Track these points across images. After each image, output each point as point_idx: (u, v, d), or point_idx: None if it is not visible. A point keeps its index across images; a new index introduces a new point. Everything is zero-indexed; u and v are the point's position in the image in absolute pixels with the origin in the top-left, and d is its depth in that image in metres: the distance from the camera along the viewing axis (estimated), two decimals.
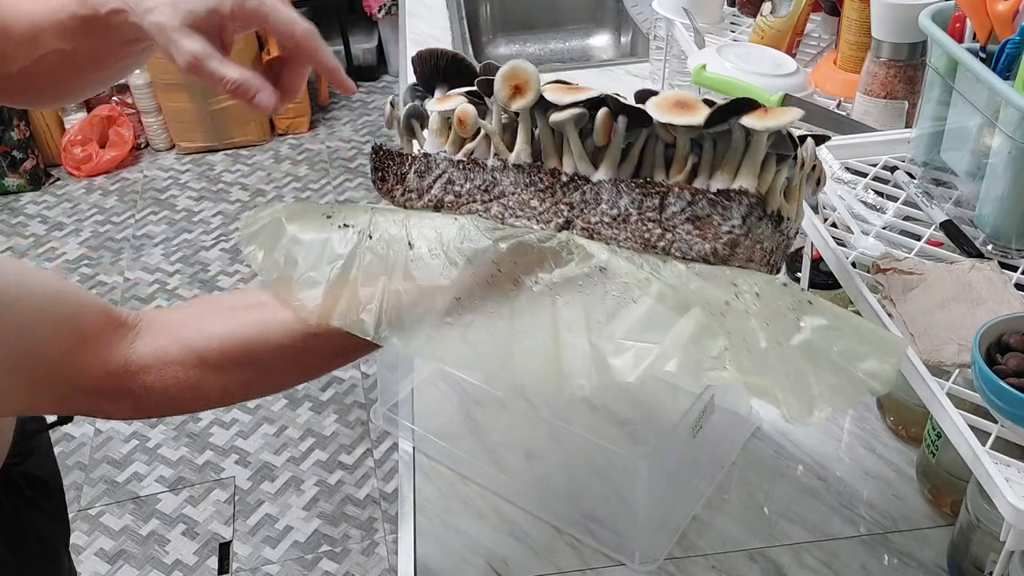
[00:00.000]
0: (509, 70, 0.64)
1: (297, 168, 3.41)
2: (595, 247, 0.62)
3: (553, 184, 0.65)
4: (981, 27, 0.79)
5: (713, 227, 0.60)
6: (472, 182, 0.68)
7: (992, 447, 0.62)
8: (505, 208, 0.67)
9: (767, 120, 0.58)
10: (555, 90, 0.64)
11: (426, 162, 0.70)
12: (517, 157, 0.66)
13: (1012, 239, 0.78)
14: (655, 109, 0.60)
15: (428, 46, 0.75)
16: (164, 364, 0.64)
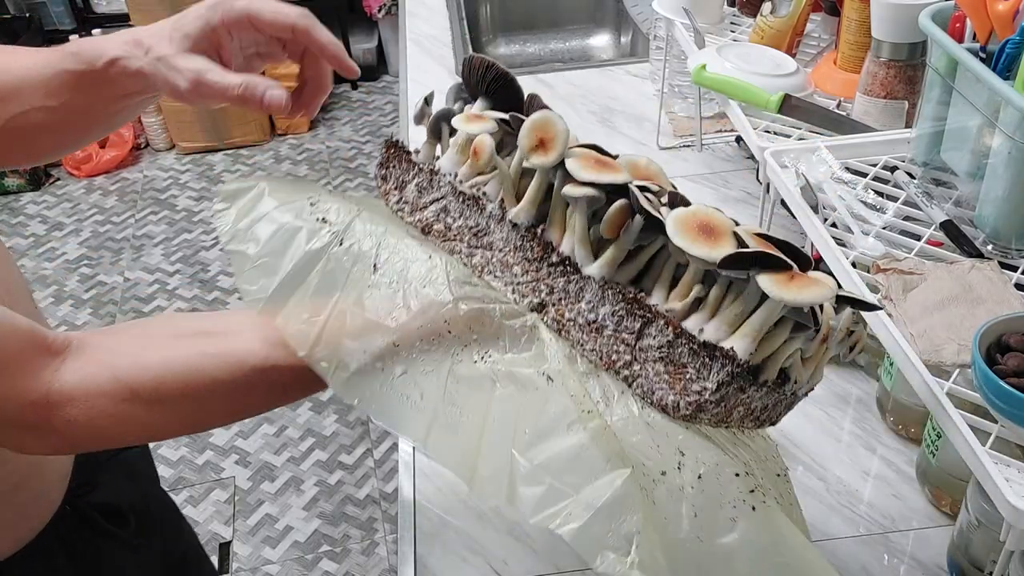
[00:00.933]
0: (540, 120, 0.59)
1: (297, 168, 3.41)
2: (554, 349, 0.56)
3: (542, 258, 0.59)
4: (981, 27, 0.79)
5: (684, 380, 0.53)
6: (466, 220, 0.63)
7: (992, 447, 0.62)
8: (487, 262, 0.61)
9: (787, 291, 0.51)
10: (581, 159, 0.58)
11: (430, 179, 0.66)
12: (516, 215, 0.60)
13: (1012, 239, 0.78)
14: (675, 226, 0.54)
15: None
16: (90, 395, 0.57)
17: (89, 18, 3.60)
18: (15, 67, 0.68)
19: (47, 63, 0.67)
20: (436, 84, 1.63)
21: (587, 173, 0.57)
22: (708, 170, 1.38)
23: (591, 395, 0.54)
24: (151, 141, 3.56)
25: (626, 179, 0.57)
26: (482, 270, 0.61)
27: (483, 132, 0.63)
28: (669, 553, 0.50)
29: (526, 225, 0.60)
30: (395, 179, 0.68)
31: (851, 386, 1.00)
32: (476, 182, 0.64)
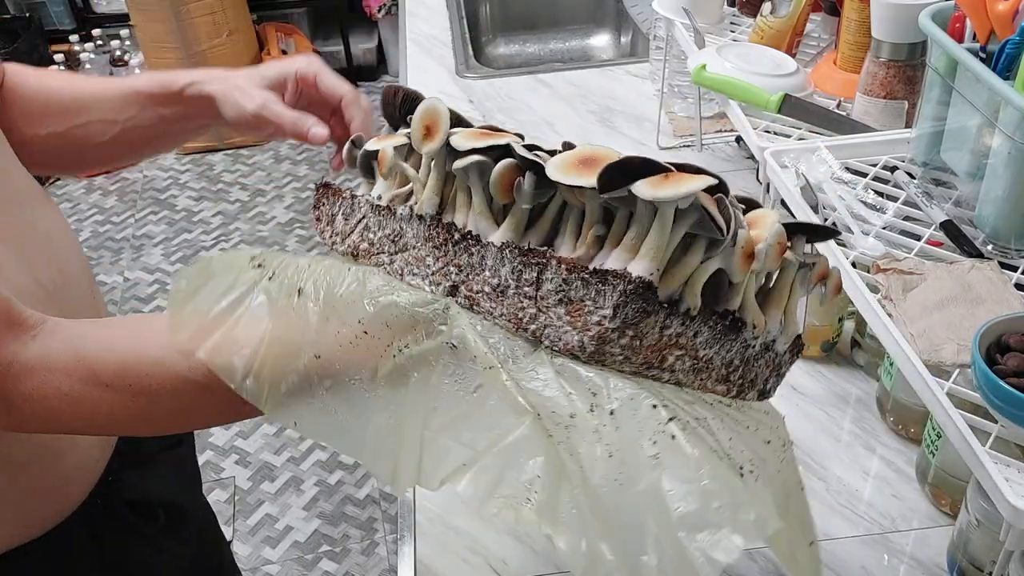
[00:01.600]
0: (423, 109, 0.58)
1: (297, 168, 3.41)
2: (463, 320, 0.54)
3: (447, 241, 0.57)
4: (981, 27, 0.79)
5: (583, 315, 0.50)
6: (383, 230, 0.62)
7: (992, 447, 0.62)
8: (406, 264, 0.60)
9: (661, 189, 0.48)
10: (464, 134, 0.57)
11: (351, 204, 0.65)
12: (420, 206, 0.59)
13: (1012, 239, 0.78)
14: (554, 166, 0.52)
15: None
16: (49, 370, 0.57)
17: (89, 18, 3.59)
18: (87, 87, 0.78)
19: (121, 84, 0.77)
20: (436, 84, 1.64)
21: (469, 142, 0.56)
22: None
23: (497, 351, 0.52)
24: None
25: (509, 140, 0.55)
26: (402, 273, 0.60)
27: (389, 145, 0.63)
28: (584, 501, 0.47)
29: (431, 214, 0.59)
30: (326, 215, 0.68)
31: (851, 386, 1.00)
32: (395, 195, 0.63)
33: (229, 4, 3.23)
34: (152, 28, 3.18)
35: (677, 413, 0.50)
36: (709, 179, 0.49)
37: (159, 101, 0.77)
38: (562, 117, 1.54)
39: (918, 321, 0.71)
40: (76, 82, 0.81)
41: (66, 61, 3.38)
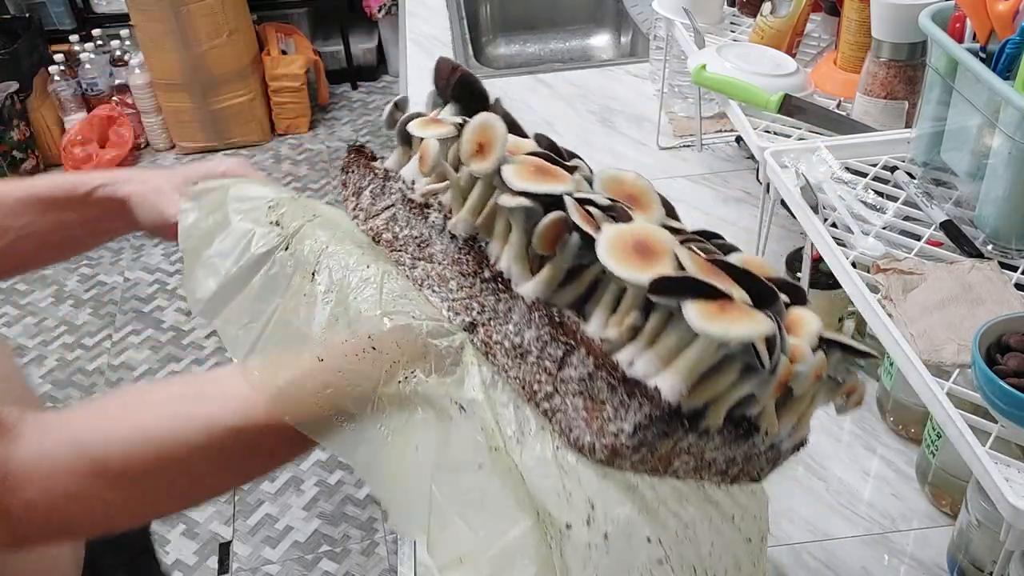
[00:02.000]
0: (479, 123, 0.55)
1: (297, 168, 3.41)
2: (475, 375, 0.52)
3: (476, 273, 0.54)
4: (981, 27, 0.79)
5: (601, 419, 0.47)
6: (412, 229, 0.59)
7: (992, 447, 0.62)
8: (427, 275, 0.57)
9: (713, 323, 0.44)
10: (519, 165, 0.53)
11: (383, 186, 0.63)
12: (454, 225, 0.56)
13: (1012, 239, 0.78)
14: (606, 244, 0.48)
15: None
16: (51, 473, 0.51)
17: (89, 18, 3.59)
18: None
19: (16, 188, 0.70)
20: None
21: (521, 181, 0.51)
22: (708, 170, 1.38)
23: (505, 429, 0.50)
24: (151, 141, 3.56)
25: (565, 189, 0.51)
26: (422, 283, 0.57)
27: (434, 136, 0.58)
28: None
29: (464, 237, 0.56)
30: (353, 185, 0.66)
31: None
32: (431, 190, 0.60)
33: (229, 4, 3.23)
34: (152, 28, 3.18)
35: (669, 551, 0.49)
36: (768, 326, 0.45)
37: (61, 206, 0.70)
38: (562, 117, 1.54)
39: (918, 321, 0.71)
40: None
41: (66, 61, 3.38)
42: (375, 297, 0.54)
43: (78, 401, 2.47)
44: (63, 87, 3.39)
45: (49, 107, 3.40)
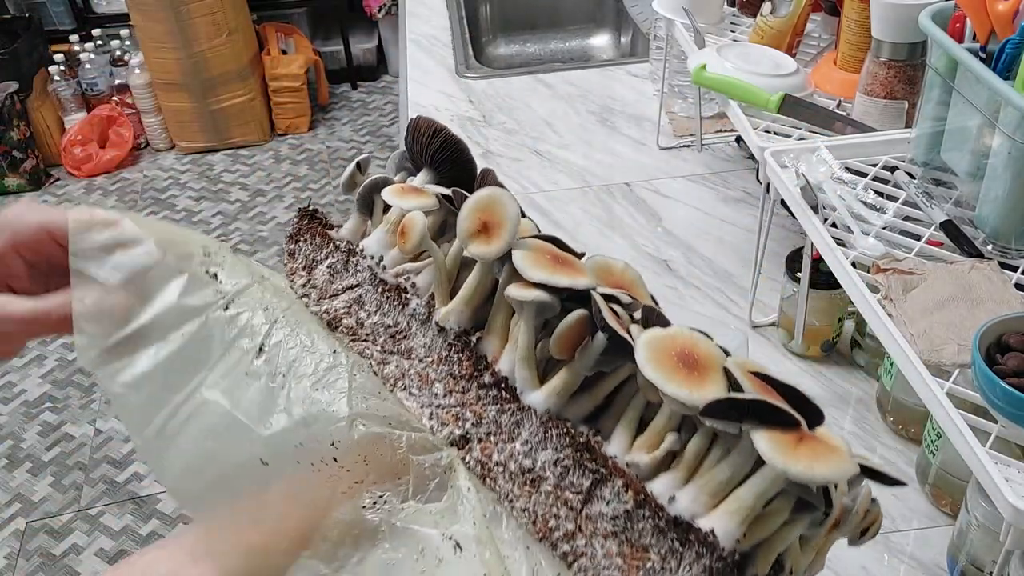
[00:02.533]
0: (485, 198, 0.47)
1: (297, 168, 3.41)
2: (472, 503, 0.43)
3: (472, 376, 0.46)
4: (981, 27, 0.79)
5: (644, 570, 0.39)
6: (383, 316, 0.50)
7: (992, 447, 0.62)
8: (403, 374, 0.48)
9: (794, 460, 0.37)
10: (533, 252, 0.46)
11: (346, 260, 0.53)
12: (445, 316, 0.48)
13: (1012, 239, 0.78)
14: (648, 352, 0.41)
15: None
16: None
17: (89, 18, 3.59)
18: None
19: None
20: (436, 84, 1.64)
21: (538, 271, 0.44)
22: (708, 170, 1.38)
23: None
24: (151, 141, 3.56)
25: (589, 283, 0.45)
26: (395, 383, 0.48)
27: (417, 209, 0.50)
28: None
29: (456, 331, 0.47)
30: (304, 257, 0.55)
31: (851, 386, 1.00)
32: (404, 270, 0.51)
33: (229, 4, 3.23)
34: (152, 28, 3.18)
35: None
36: (852, 465, 0.38)
37: None
38: (562, 117, 1.54)
39: (918, 321, 0.71)
40: None
41: (66, 61, 3.38)
42: (343, 392, 0.44)
43: (78, 401, 2.47)
44: (63, 87, 3.39)
45: (49, 107, 3.40)
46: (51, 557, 2.07)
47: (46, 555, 2.07)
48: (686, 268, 1.18)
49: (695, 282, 1.16)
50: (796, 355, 1.03)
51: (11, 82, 3.22)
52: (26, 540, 2.11)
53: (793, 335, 1.02)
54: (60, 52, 3.38)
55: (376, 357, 0.49)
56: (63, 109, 3.43)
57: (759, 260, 1.03)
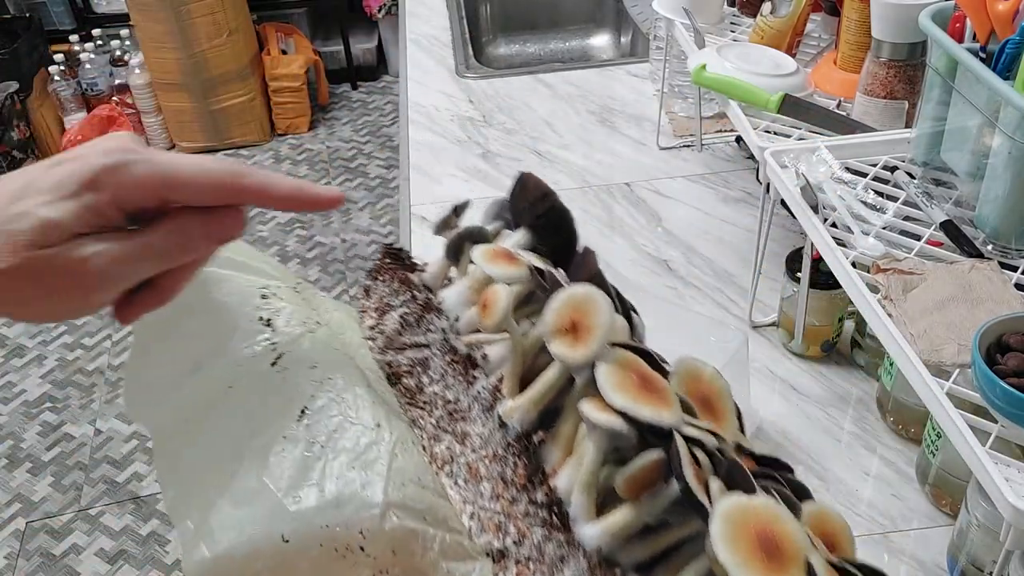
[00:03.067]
0: (579, 297, 0.43)
1: (297, 168, 3.41)
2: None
3: (524, 488, 0.43)
4: (981, 27, 0.79)
5: None
6: (446, 388, 0.47)
7: (992, 447, 0.62)
8: (453, 458, 0.44)
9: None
10: (620, 369, 0.41)
11: (421, 315, 0.50)
12: (508, 413, 0.44)
13: (1012, 239, 0.78)
14: (724, 529, 0.37)
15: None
16: None
17: (89, 18, 3.59)
18: None
19: None
20: (436, 84, 1.64)
21: (621, 396, 0.40)
22: (708, 170, 1.38)
23: None
24: (151, 141, 3.56)
25: (674, 420, 0.40)
26: (443, 466, 0.45)
27: (506, 279, 0.46)
28: None
29: (518, 431, 0.44)
30: (379, 298, 0.52)
31: (851, 386, 1.00)
32: (478, 341, 0.48)
33: (229, 4, 3.23)
34: (152, 28, 3.18)
35: None
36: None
37: None
38: (562, 117, 1.54)
39: (918, 321, 0.71)
40: None
41: (66, 61, 3.38)
42: (380, 475, 0.41)
43: (78, 401, 2.47)
44: (63, 87, 3.39)
45: (49, 107, 3.40)
46: (51, 557, 2.07)
47: (46, 555, 2.08)
48: (686, 268, 1.18)
49: (695, 282, 1.16)
50: (796, 355, 1.03)
51: (11, 82, 3.22)
52: (26, 540, 2.11)
53: (793, 335, 1.02)
54: (60, 52, 3.38)
55: (429, 431, 0.46)
56: (63, 109, 3.44)
57: (759, 260, 1.03)
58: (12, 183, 0.39)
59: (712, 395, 0.46)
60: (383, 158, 3.43)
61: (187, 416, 0.44)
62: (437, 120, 1.55)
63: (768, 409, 0.97)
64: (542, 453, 0.43)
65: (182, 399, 0.44)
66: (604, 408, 0.40)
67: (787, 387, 1.00)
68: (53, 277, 0.38)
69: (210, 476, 0.42)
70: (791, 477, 0.46)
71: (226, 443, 0.43)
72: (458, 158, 1.44)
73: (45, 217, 0.37)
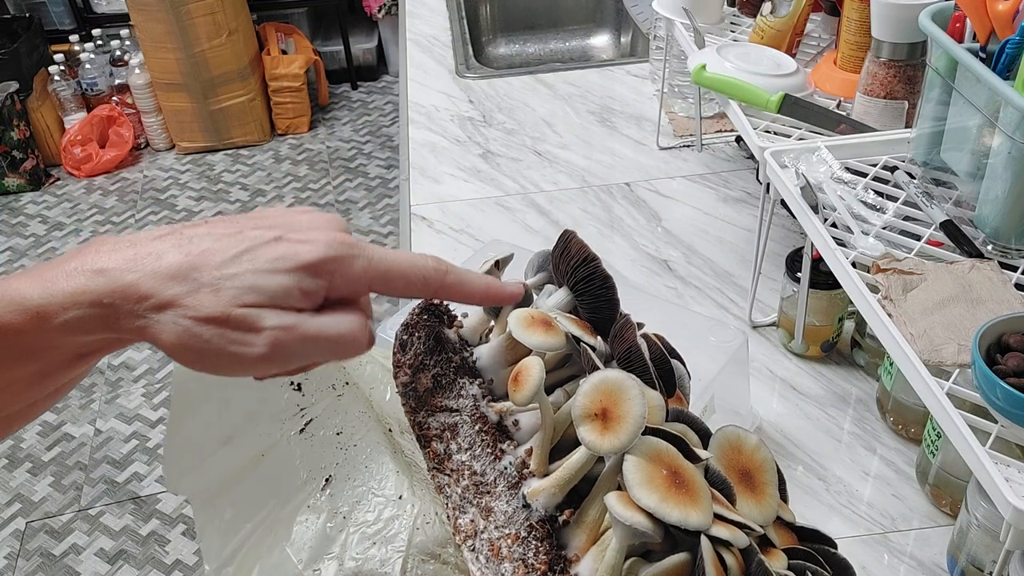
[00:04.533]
0: (612, 383, 0.42)
1: (297, 168, 3.41)
2: None
3: (545, 574, 0.41)
4: (981, 27, 0.79)
5: None
6: (474, 459, 0.46)
7: (992, 447, 0.62)
8: (476, 533, 0.43)
9: None
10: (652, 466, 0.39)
11: (454, 378, 0.48)
12: (534, 494, 0.43)
13: (1012, 239, 0.78)
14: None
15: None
16: None
17: (89, 18, 3.60)
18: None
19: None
20: (436, 84, 1.64)
21: (648, 494, 0.39)
22: (708, 170, 1.38)
23: None
24: (151, 141, 3.56)
25: (701, 523, 0.38)
26: (465, 540, 0.43)
27: (542, 348, 0.45)
28: None
29: (542, 514, 0.43)
30: (415, 355, 0.49)
31: (851, 386, 1.00)
32: (510, 410, 0.47)
33: (229, 4, 3.23)
34: (152, 28, 3.18)
35: None
36: None
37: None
38: (562, 117, 1.54)
39: (918, 321, 0.71)
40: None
41: (66, 61, 3.38)
42: (401, 552, 0.41)
43: (78, 401, 2.48)
44: (63, 87, 3.39)
45: (49, 107, 3.40)
46: (51, 557, 2.07)
47: (46, 555, 2.08)
48: (686, 268, 1.18)
49: (695, 282, 1.16)
50: (796, 355, 1.03)
51: (11, 82, 3.22)
52: (26, 540, 2.11)
53: (793, 335, 1.02)
54: (60, 52, 3.39)
55: (454, 501, 0.44)
56: (63, 109, 3.44)
57: (759, 260, 1.03)
58: (232, 244, 0.41)
59: (753, 467, 0.45)
60: (383, 158, 3.43)
61: (222, 483, 0.44)
62: (437, 120, 1.55)
63: (768, 409, 0.97)
64: (566, 535, 0.42)
65: (218, 466, 0.45)
66: (630, 505, 0.39)
67: (787, 387, 1.00)
68: (236, 331, 0.39)
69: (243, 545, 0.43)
70: (832, 552, 0.45)
71: (257, 511, 0.43)
72: (458, 158, 1.44)
73: (256, 285, 0.39)
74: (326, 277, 0.41)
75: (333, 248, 0.41)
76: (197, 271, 0.39)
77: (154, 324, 0.39)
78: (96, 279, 0.39)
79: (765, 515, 0.44)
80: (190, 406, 0.47)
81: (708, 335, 0.88)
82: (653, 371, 0.45)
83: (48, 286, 0.39)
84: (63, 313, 0.38)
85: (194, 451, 0.46)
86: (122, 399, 2.48)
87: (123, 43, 3.46)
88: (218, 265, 0.40)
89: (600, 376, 0.43)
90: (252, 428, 0.46)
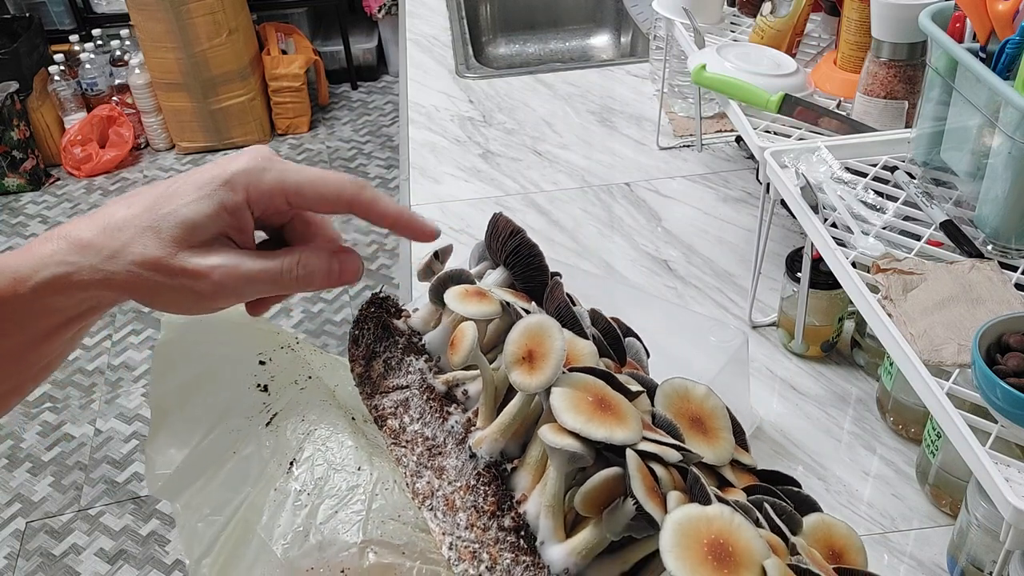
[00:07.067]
0: (532, 326, 0.45)
1: None
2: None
3: (494, 515, 0.44)
4: (981, 27, 0.79)
5: None
6: (424, 426, 0.48)
7: (992, 447, 0.62)
8: (432, 493, 0.46)
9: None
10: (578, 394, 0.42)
11: (401, 359, 0.51)
12: (478, 443, 0.46)
13: (1012, 239, 0.78)
14: (673, 538, 0.37)
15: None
16: None
17: (89, 18, 3.60)
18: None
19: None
20: (436, 84, 1.64)
21: (573, 417, 0.41)
22: (708, 170, 1.38)
23: None
24: (151, 141, 3.56)
25: (628, 437, 0.40)
26: (423, 501, 0.46)
27: (476, 317, 0.48)
28: None
29: (487, 460, 0.45)
30: (366, 346, 0.53)
31: (851, 386, 1.00)
32: (456, 379, 0.50)
33: (229, 4, 3.23)
34: (152, 28, 3.18)
35: None
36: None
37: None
38: (562, 117, 1.54)
39: (918, 321, 0.71)
40: None
41: (66, 61, 3.38)
42: (360, 515, 0.44)
43: (78, 401, 2.48)
44: (63, 87, 3.39)
45: (49, 107, 3.40)
46: (51, 557, 2.07)
47: (46, 555, 2.08)
48: (686, 268, 1.18)
49: (695, 282, 1.16)
50: (796, 355, 1.03)
51: (11, 82, 3.22)
52: (26, 540, 2.11)
53: (793, 335, 1.02)
54: (60, 52, 3.39)
55: (411, 468, 0.47)
56: (63, 109, 3.44)
57: (759, 260, 1.03)
58: (164, 187, 0.45)
59: (704, 414, 0.47)
60: (383, 158, 3.43)
61: (199, 483, 0.49)
62: (437, 120, 1.55)
63: (768, 409, 0.97)
64: (514, 480, 0.45)
65: (193, 467, 0.49)
66: (560, 431, 0.41)
67: (787, 387, 1.00)
68: (183, 277, 0.43)
69: (219, 536, 0.48)
70: (795, 490, 0.46)
71: (231, 503, 0.48)
72: (458, 158, 1.44)
73: (187, 218, 0.43)
74: (241, 192, 0.45)
75: (244, 163, 0.45)
76: (138, 218, 0.44)
77: (111, 274, 0.43)
78: (61, 242, 0.43)
79: (718, 455, 0.45)
80: (164, 414, 0.51)
81: (708, 335, 0.88)
82: (591, 332, 0.47)
83: (25, 253, 0.44)
84: (35, 275, 0.43)
85: (172, 455, 0.50)
86: (122, 399, 2.48)
87: (123, 43, 3.46)
88: (154, 207, 0.44)
89: (523, 322, 0.46)
90: (224, 427, 0.50)
